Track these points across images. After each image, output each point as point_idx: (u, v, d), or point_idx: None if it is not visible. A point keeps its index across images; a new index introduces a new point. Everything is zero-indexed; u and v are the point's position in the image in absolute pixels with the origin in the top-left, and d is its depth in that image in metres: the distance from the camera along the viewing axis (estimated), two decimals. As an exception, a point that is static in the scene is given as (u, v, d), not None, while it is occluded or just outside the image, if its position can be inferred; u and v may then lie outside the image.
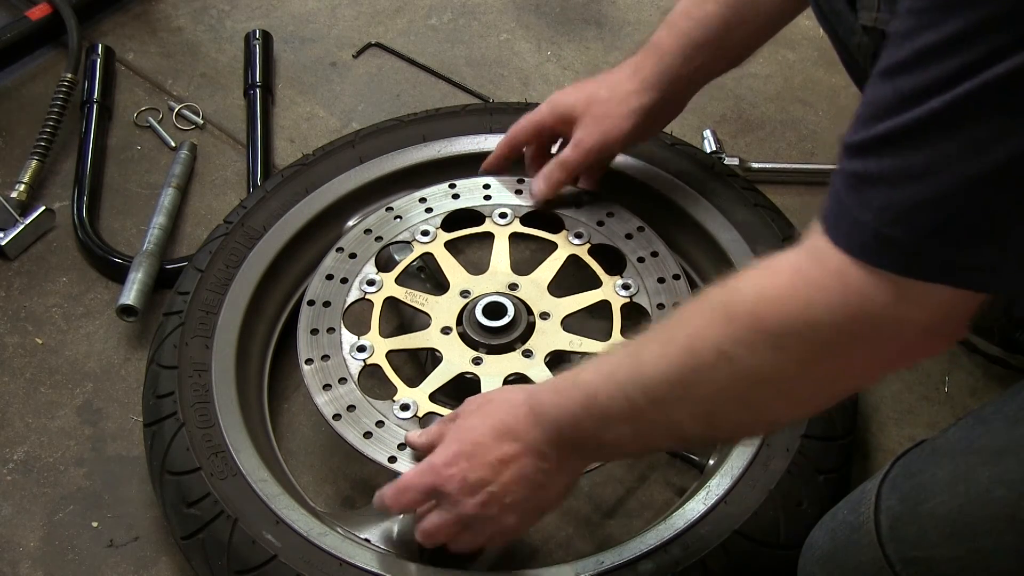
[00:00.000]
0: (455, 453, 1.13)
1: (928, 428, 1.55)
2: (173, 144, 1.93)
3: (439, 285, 1.53)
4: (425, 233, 1.54)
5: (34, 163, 1.84)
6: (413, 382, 1.39)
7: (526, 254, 1.65)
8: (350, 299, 1.47)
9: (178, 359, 1.42)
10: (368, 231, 1.54)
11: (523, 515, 1.14)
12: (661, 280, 1.47)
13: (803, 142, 1.93)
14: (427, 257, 1.54)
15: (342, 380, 1.38)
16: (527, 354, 1.40)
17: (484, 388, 1.37)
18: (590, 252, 1.52)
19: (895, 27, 0.79)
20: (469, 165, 1.65)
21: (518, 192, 1.58)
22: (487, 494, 1.11)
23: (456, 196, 1.58)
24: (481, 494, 1.11)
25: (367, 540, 1.32)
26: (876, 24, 1.16)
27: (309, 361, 1.40)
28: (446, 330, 1.43)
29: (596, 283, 1.49)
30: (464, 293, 1.47)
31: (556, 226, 1.55)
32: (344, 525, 1.33)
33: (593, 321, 1.48)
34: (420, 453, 1.23)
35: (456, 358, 1.40)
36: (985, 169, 0.73)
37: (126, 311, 1.62)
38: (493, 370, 1.39)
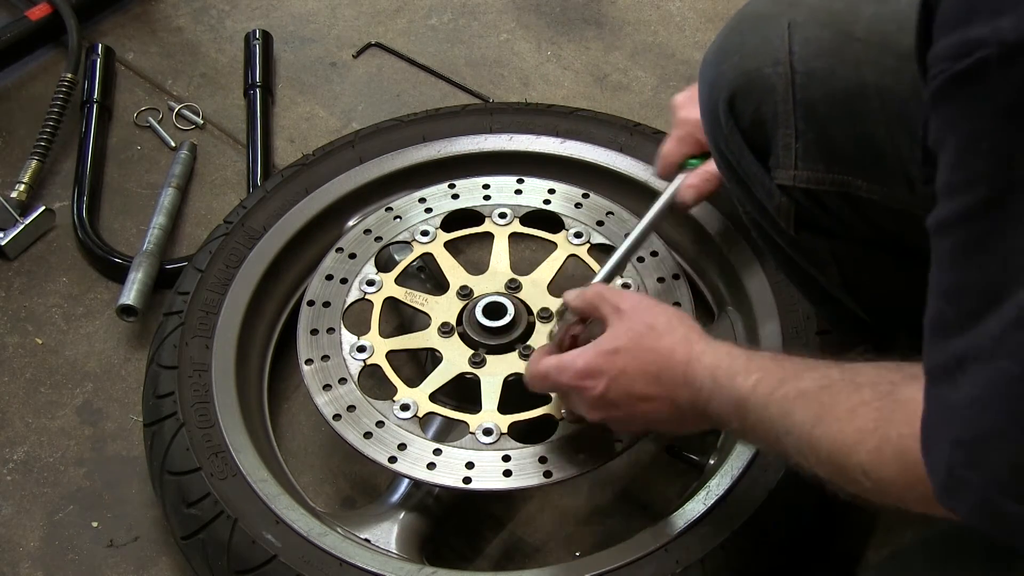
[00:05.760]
0: (599, 370, 1.14)
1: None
2: (173, 144, 1.93)
3: (439, 285, 1.53)
4: (425, 233, 1.54)
5: (34, 163, 1.84)
6: (413, 382, 1.39)
7: (526, 254, 1.66)
8: (350, 299, 1.47)
9: (178, 359, 1.42)
10: (368, 231, 1.54)
11: (653, 430, 1.24)
12: (661, 280, 1.47)
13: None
14: (427, 257, 1.54)
15: (342, 380, 1.38)
16: (527, 354, 1.40)
17: (484, 388, 1.37)
18: (590, 252, 1.52)
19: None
20: (469, 165, 1.65)
21: (517, 192, 1.58)
22: (613, 415, 1.16)
23: (456, 196, 1.58)
24: (610, 411, 1.16)
25: (367, 540, 1.32)
26: (795, 183, 1.15)
27: (309, 361, 1.40)
28: (446, 330, 1.43)
29: (596, 283, 1.49)
30: (464, 293, 1.47)
31: (556, 226, 1.55)
32: (344, 525, 1.33)
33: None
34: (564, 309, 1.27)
35: (456, 358, 1.40)
36: None
37: (126, 311, 1.62)
38: (493, 370, 1.39)
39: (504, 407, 1.36)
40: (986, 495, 0.71)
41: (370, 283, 1.48)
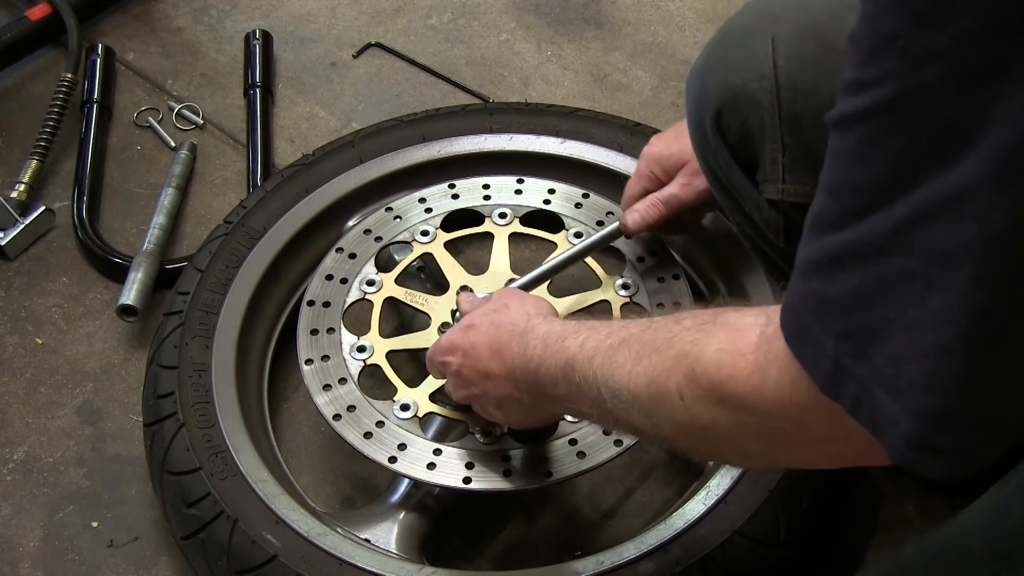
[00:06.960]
0: (456, 346, 1.19)
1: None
2: (173, 144, 1.93)
3: (439, 285, 1.53)
4: (425, 233, 1.54)
5: (34, 163, 1.84)
6: (413, 382, 1.39)
7: (526, 254, 1.66)
8: (350, 299, 1.47)
9: (178, 359, 1.42)
10: (368, 231, 1.54)
11: (507, 418, 1.20)
12: (661, 280, 1.47)
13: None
14: (427, 257, 1.54)
15: (342, 380, 1.38)
16: (527, 354, 1.40)
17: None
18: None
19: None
20: (469, 165, 1.65)
21: (517, 192, 1.58)
22: (471, 393, 1.19)
23: (456, 196, 1.58)
24: (468, 389, 1.19)
25: (367, 540, 1.32)
26: (783, 197, 1.14)
27: (309, 361, 1.40)
28: (446, 330, 1.43)
29: (596, 283, 1.49)
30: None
31: (556, 226, 1.55)
32: (344, 525, 1.33)
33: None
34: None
35: (456, 358, 1.40)
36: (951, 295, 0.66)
37: (126, 311, 1.62)
38: (493, 370, 1.39)
39: (504, 407, 1.36)
40: (867, 386, 0.71)
41: (370, 283, 1.48)
